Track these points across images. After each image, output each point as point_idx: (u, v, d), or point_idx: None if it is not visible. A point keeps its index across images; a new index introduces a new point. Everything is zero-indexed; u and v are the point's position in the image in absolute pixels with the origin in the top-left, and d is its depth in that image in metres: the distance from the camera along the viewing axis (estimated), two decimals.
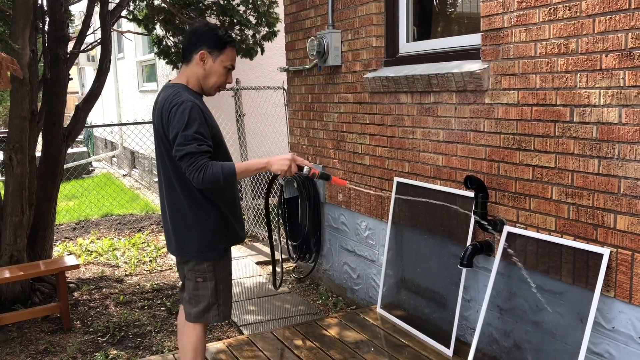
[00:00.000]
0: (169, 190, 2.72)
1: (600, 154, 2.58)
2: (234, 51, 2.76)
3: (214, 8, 5.80)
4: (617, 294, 2.55)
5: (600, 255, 2.57)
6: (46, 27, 5.15)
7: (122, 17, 5.97)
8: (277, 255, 5.32)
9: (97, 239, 7.09)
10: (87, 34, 5.47)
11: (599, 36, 2.53)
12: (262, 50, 6.12)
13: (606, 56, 2.51)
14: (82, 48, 5.45)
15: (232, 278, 3.01)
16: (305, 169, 2.64)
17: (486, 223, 3.10)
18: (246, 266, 5.79)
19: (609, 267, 2.56)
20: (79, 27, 5.50)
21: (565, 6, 2.66)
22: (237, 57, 6.35)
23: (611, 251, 2.55)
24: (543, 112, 2.83)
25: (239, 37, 5.97)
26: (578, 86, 2.64)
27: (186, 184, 2.63)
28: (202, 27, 2.75)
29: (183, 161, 2.50)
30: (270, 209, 3.94)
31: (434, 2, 4.21)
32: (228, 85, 2.88)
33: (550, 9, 2.73)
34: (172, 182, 2.68)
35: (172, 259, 6.08)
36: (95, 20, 5.60)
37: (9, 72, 3.58)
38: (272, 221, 6.99)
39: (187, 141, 2.49)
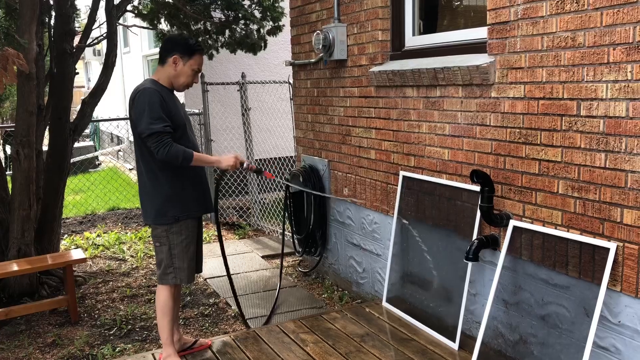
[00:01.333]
0: (137, 164, 3.26)
1: (607, 147, 2.57)
2: (202, 57, 3.31)
3: (219, 2, 5.80)
4: (624, 288, 2.54)
5: (607, 250, 2.57)
6: (52, 22, 5.16)
7: (128, 11, 5.98)
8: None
9: (104, 233, 7.12)
10: (93, 28, 5.48)
11: (606, 29, 2.51)
12: (265, 45, 6.12)
13: (613, 49, 2.49)
14: (88, 42, 5.46)
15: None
16: (245, 164, 3.33)
17: (492, 217, 3.09)
18: (252, 260, 5.81)
19: (615, 261, 2.55)
20: (85, 21, 5.51)
21: None
22: (241, 52, 6.38)
23: (618, 245, 2.55)
24: (549, 105, 2.81)
25: (243, 32, 5.97)
26: (585, 80, 2.63)
27: (147, 158, 3.15)
28: (177, 36, 3.38)
29: (151, 138, 3.02)
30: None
31: None
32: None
33: (558, 1, 2.72)
34: (139, 157, 3.21)
35: None
36: (101, 15, 5.60)
37: (15, 67, 3.59)
38: (277, 215, 7.00)
39: (154, 120, 3.02)
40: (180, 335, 3.51)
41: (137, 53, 12.09)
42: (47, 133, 5.16)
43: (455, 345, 3.32)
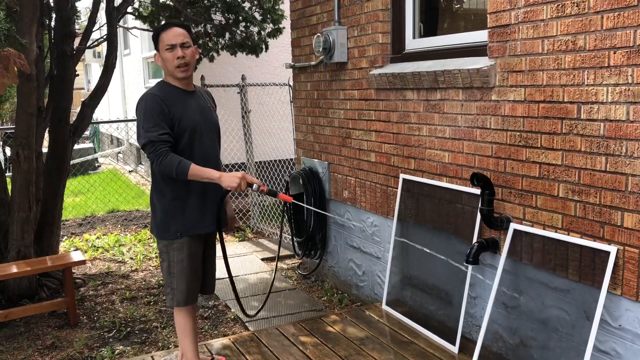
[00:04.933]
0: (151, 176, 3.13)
1: (607, 151, 2.57)
2: (167, 31, 2.96)
3: (219, 5, 5.81)
4: (624, 291, 2.54)
5: (607, 253, 2.57)
6: (52, 24, 5.17)
7: (128, 13, 5.99)
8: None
9: (103, 235, 7.12)
10: (93, 30, 5.48)
11: (607, 33, 2.52)
12: (267, 47, 6.13)
13: (614, 53, 2.49)
14: (88, 44, 5.47)
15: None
16: (255, 186, 2.88)
17: (492, 220, 3.09)
18: (251, 262, 5.80)
19: (615, 264, 2.55)
20: (85, 23, 5.52)
21: (573, 2, 2.65)
22: (241, 54, 6.36)
23: (618, 249, 2.54)
24: (550, 109, 2.81)
25: (244, 34, 5.98)
26: (585, 83, 2.63)
27: (154, 169, 2.93)
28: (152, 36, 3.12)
29: (146, 148, 2.83)
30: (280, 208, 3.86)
31: None
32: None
33: (558, 5, 2.72)
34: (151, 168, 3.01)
35: None
36: (101, 17, 5.61)
37: (16, 67, 3.59)
38: (277, 218, 7.00)
39: (149, 128, 2.81)
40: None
41: (137, 55, 12.09)
42: (47, 135, 5.16)
43: (455, 349, 3.32)
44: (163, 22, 3.09)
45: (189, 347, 3.11)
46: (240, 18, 5.82)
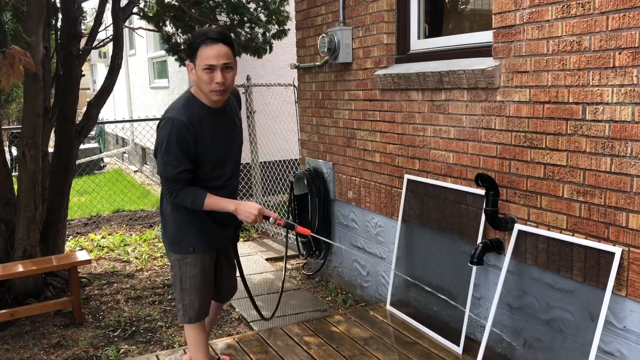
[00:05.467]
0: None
1: (612, 152, 2.56)
2: (210, 47, 2.57)
3: (224, 6, 5.82)
4: (629, 293, 2.54)
5: (612, 254, 2.56)
6: (59, 24, 5.19)
7: (134, 13, 6.01)
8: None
9: (109, 235, 7.14)
10: (99, 30, 5.50)
11: (612, 33, 2.51)
12: (271, 49, 6.14)
13: (619, 54, 2.49)
14: (94, 45, 5.49)
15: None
16: (271, 219, 2.83)
17: (497, 221, 3.09)
18: (256, 262, 5.82)
19: (620, 266, 2.54)
20: (91, 23, 5.54)
21: (578, 3, 2.64)
22: (246, 55, 6.34)
23: (623, 250, 2.54)
24: (555, 109, 2.81)
25: (248, 36, 5.99)
26: (591, 84, 2.63)
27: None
28: (188, 39, 2.87)
29: (162, 181, 2.78)
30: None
31: None
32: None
33: (563, 6, 2.72)
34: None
35: None
36: (107, 17, 5.63)
37: (22, 66, 3.61)
38: (282, 218, 7.01)
39: (167, 163, 2.69)
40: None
41: (143, 55, 12.12)
42: (53, 135, 5.19)
43: (459, 350, 3.32)
44: (203, 30, 2.55)
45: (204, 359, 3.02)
46: (246, 19, 5.83)
